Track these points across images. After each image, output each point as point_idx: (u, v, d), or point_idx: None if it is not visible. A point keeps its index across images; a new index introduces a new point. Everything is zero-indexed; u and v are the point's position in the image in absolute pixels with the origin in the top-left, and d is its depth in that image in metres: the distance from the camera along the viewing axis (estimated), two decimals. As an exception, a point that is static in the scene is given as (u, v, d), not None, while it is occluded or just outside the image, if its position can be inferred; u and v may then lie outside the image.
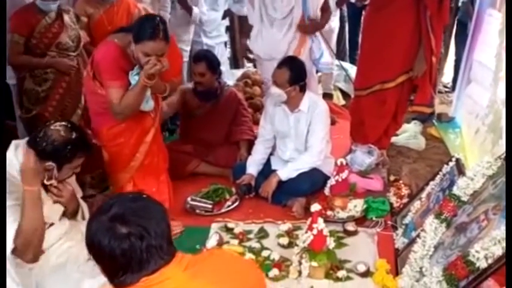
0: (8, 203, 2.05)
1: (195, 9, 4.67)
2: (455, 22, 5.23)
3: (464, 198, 2.40)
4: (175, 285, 1.28)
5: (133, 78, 2.57)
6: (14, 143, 2.19)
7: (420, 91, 3.65)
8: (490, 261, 1.95)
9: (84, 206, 2.45)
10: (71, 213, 2.35)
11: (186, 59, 4.62)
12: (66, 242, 2.36)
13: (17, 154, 2.14)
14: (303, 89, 3.29)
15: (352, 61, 5.80)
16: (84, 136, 2.24)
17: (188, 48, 4.81)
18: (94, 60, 2.63)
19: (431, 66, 3.51)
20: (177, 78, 3.00)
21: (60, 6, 3.30)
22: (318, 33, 3.83)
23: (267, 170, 3.44)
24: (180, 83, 3.26)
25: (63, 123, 2.22)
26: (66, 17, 3.32)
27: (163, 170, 2.97)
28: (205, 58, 3.72)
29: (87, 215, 2.44)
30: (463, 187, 2.43)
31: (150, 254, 1.27)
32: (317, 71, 4.27)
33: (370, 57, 3.62)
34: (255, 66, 6.31)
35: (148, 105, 2.71)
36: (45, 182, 2.16)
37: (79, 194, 2.48)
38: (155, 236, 1.28)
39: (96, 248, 1.29)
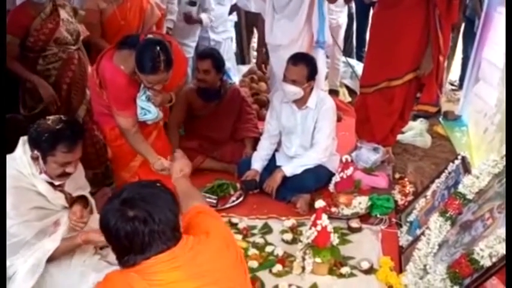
0: (24, 209, 2.07)
1: (204, 17, 4.65)
2: (463, 19, 5.19)
3: (470, 197, 2.40)
4: (182, 262, 1.41)
5: (141, 99, 2.65)
6: (22, 139, 2.18)
7: (426, 90, 3.63)
8: (494, 259, 1.94)
9: (92, 201, 2.46)
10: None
11: (191, 54, 4.61)
12: None
13: (25, 149, 2.14)
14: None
15: (359, 58, 5.78)
16: (70, 131, 2.13)
17: (194, 44, 4.78)
18: (100, 75, 2.65)
19: (438, 65, 3.49)
20: (181, 81, 3.04)
21: (54, 1, 3.26)
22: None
23: (271, 166, 3.44)
24: (184, 84, 3.22)
25: (61, 116, 2.20)
26: (62, 11, 3.25)
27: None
28: (211, 56, 3.69)
29: (94, 210, 2.46)
30: (468, 185, 2.42)
31: (152, 239, 1.37)
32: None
33: (378, 54, 3.60)
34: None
35: (158, 117, 2.78)
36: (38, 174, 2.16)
37: (87, 189, 2.49)
38: (159, 222, 1.38)
39: (104, 228, 1.40)
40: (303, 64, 3.20)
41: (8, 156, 2.13)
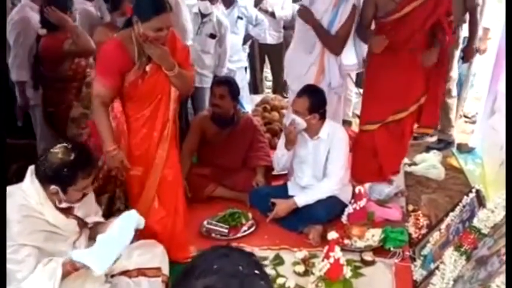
0: (26, 241, 2.03)
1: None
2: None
3: (485, 231, 2.36)
4: None
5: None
6: (30, 169, 2.16)
7: (427, 112, 3.53)
8: (511, 296, 1.89)
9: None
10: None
11: (208, 85, 4.63)
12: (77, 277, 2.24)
13: (33, 179, 2.12)
14: (322, 117, 3.29)
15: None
16: (84, 156, 2.13)
17: (211, 75, 4.76)
18: None
19: (443, 89, 3.46)
20: (187, 69, 2.73)
21: None
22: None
23: (284, 197, 3.42)
24: (192, 77, 2.89)
25: (64, 144, 2.14)
26: None
27: (179, 196, 2.97)
28: (228, 82, 3.78)
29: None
30: (483, 219, 2.38)
31: None
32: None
33: (380, 93, 3.47)
34: (274, 92, 6.39)
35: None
36: (57, 204, 2.14)
37: (99, 214, 2.47)
38: None
39: None
40: (306, 96, 3.22)
41: (17, 186, 2.13)
